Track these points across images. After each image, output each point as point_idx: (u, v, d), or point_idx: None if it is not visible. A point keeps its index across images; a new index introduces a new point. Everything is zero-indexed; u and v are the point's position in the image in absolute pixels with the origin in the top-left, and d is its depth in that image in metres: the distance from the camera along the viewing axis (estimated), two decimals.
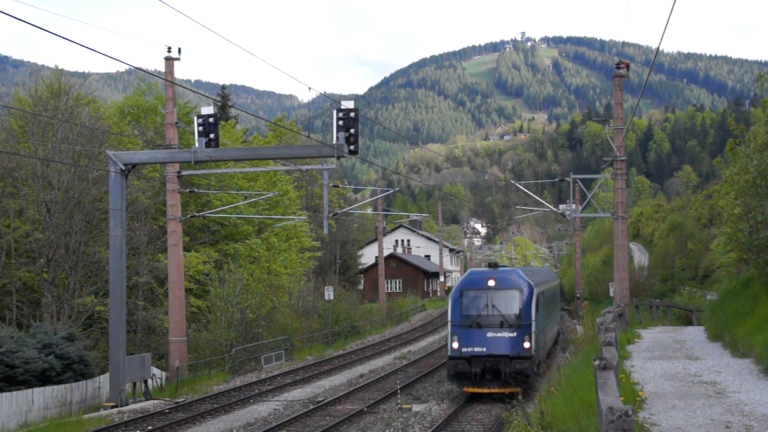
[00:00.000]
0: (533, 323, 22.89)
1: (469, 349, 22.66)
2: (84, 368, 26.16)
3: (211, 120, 25.30)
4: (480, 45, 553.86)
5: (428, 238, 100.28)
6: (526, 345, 22.52)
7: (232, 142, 43.86)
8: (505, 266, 29.08)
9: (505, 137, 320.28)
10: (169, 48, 29.66)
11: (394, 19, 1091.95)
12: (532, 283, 23.60)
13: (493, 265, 24.47)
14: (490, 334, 22.64)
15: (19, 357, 23.83)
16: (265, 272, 43.18)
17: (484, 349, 22.54)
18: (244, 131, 57.18)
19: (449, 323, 23.45)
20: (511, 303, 23.00)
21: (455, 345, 22.85)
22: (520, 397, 20.05)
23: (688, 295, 44.67)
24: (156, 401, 26.05)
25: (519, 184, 43.43)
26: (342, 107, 23.30)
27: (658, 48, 13.98)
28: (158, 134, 40.57)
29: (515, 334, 22.63)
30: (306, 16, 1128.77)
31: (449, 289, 76.99)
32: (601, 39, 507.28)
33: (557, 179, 43.77)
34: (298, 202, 53.75)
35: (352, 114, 23.21)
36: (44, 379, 24.46)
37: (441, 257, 77.01)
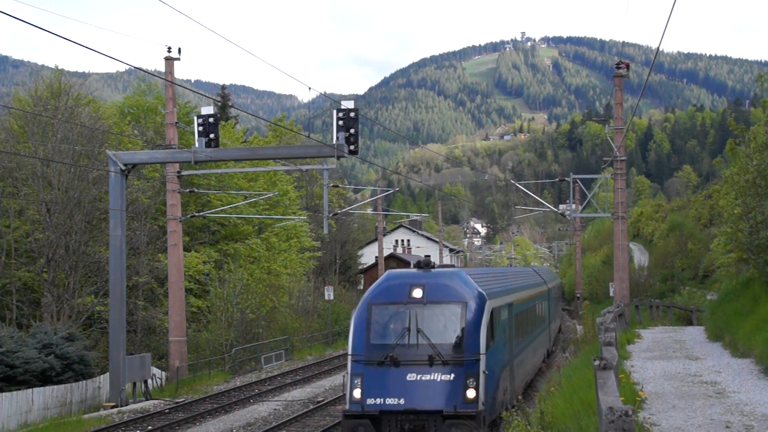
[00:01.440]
0: (483, 358, 14.69)
1: (378, 401, 14.52)
2: (84, 368, 26.17)
3: (211, 120, 25.31)
4: (480, 45, 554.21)
5: (428, 238, 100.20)
6: (470, 394, 14.35)
7: (232, 142, 43.86)
8: (452, 265, 18.76)
9: (505, 137, 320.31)
10: (169, 48, 29.68)
11: (394, 19, 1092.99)
12: (484, 292, 15.61)
13: (423, 265, 16.12)
14: (412, 377, 14.54)
15: (19, 357, 23.84)
16: (265, 272, 43.19)
17: (402, 401, 14.44)
18: (244, 131, 57.18)
19: (349, 358, 15.12)
20: (447, 326, 14.96)
21: (356, 394, 14.66)
22: (520, 397, 19.41)
23: (688, 295, 44.67)
24: (156, 401, 26.06)
25: (519, 184, 43.46)
26: (342, 107, 23.31)
27: (658, 48, 13.99)
28: (158, 134, 40.58)
29: (452, 376, 14.49)
30: (306, 16, 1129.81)
31: None
32: (601, 39, 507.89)
33: (557, 179, 43.82)
34: (298, 202, 53.76)
35: (352, 114, 23.22)
36: (44, 379, 24.47)
37: (441, 257, 76.98)
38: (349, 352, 15.14)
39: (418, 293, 15.16)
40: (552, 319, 34.33)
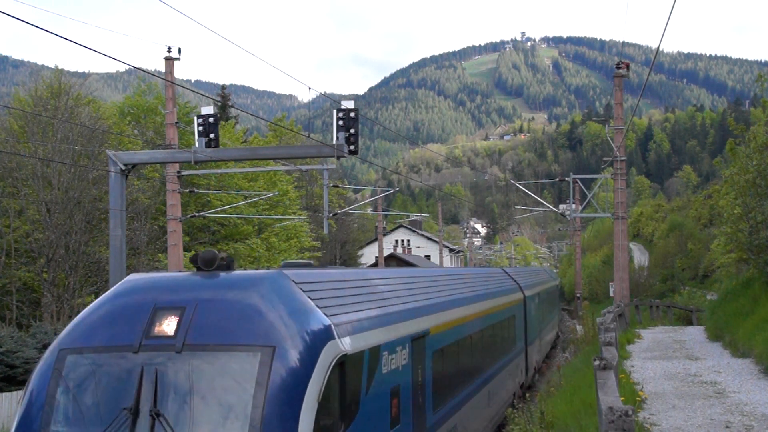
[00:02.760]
0: None
1: None
2: None
3: (211, 120, 25.28)
4: (480, 45, 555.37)
5: (428, 238, 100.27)
6: None
7: (232, 142, 43.88)
8: (300, 263, 10.39)
9: (505, 137, 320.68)
10: (169, 48, 29.64)
11: (394, 19, 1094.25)
12: (330, 321, 7.21)
13: (203, 264, 7.39)
14: None
15: (19, 357, 23.84)
16: None
17: None
18: (244, 131, 57.21)
19: None
20: (228, 402, 6.13)
21: None
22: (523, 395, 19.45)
23: (688, 295, 44.67)
24: None
25: (519, 184, 43.41)
26: (342, 107, 23.29)
27: (658, 48, 13.98)
28: (158, 134, 40.59)
29: None
30: (306, 16, 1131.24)
31: None
32: (601, 39, 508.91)
33: (557, 179, 43.75)
34: (298, 202, 53.76)
35: (352, 114, 23.19)
36: None
37: (441, 257, 76.96)
38: None
39: (169, 326, 6.68)
40: (533, 340, 25.56)
